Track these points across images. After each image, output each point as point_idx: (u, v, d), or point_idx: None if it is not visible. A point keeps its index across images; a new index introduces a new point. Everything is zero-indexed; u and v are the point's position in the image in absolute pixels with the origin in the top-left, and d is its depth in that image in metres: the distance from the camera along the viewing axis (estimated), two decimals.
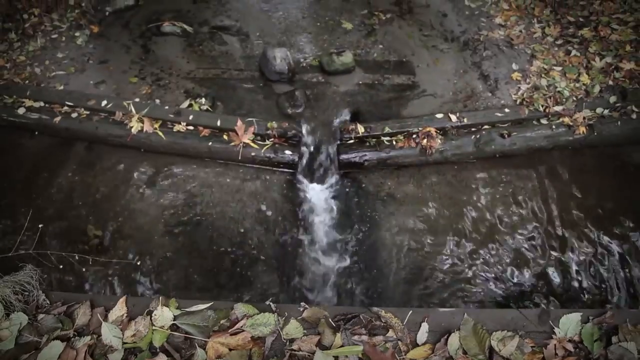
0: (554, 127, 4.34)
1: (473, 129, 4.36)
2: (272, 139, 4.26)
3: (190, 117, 4.33)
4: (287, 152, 4.24)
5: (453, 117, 4.31)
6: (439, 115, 4.34)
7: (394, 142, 4.25)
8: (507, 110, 4.39)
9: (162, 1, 5.77)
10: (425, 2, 5.69)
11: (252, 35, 5.36)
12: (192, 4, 5.75)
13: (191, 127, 4.34)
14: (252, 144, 4.22)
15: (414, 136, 4.24)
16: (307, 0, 5.81)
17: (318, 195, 4.23)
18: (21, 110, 4.49)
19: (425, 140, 4.19)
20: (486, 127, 4.37)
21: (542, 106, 4.37)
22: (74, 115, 4.47)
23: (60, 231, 3.93)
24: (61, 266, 3.68)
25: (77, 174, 4.32)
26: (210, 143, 4.26)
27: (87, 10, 5.47)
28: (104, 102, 4.46)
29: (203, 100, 4.49)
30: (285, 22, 5.51)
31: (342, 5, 5.69)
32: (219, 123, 4.28)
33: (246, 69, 4.96)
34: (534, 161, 4.39)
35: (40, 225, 3.80)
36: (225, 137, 4.27)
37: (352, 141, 4.27)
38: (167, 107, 4.42)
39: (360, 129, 4.22)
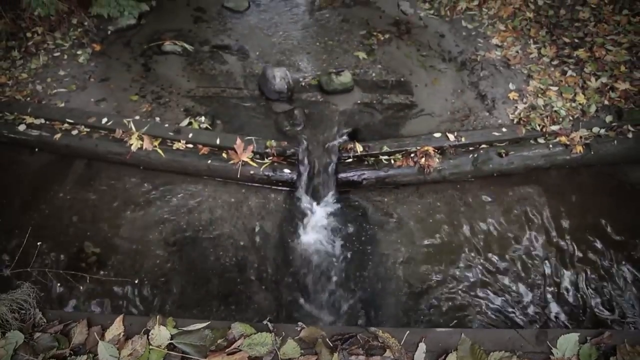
0: (551, 146, 4.38)
1: (471, 148, 4.39)
2: (271, 158, 4.28)
3: (190, 135, 4.35)
4: (286, 170, 4.25)
5: (451, 136, 4.34)
6: (437, 135, 4.38)
7: (393, 161, 4.27)
8: (504, 129, 4.43)
9: (163, 20, 5.85)
10: (423, 23, 5.78)
11: (252, 54, 5.42)
12: (194, 24, 5.84)
13: (190, 145, 4.36)
14: (251, 162, 4.24)
15: (412, 155, 4.26)
16: (307, 20, 5.90)
17: (316, 214, 4.23)
18: (22, 127, 4.52)
19: (423, 159, 4.22)
20: (484, 146, 4.40)
21: (539, 125, 4.41)
22: (74, 132, 4.51)
23: (59, 248, 3.93)
24: (58, 284, 3.67)
25: (76, 191, 4.33)
26: (209, 161, 4.27)
27: (90, 29, 5.53)
28: (105, 120, 4.50)
29: (203, 118, 4.53)
30: (285, 42, 5.58)
31: (341, 26, 5.78)
32: (218, 141, 4.31)
33: (246, 87, 5.01)
34: (531, 180, 4.42)
35: (38, 243, 3.79)
36: (224, 155, 4.29)
37: (350, 160, 4.29)
38: (166, 125, 4.45)
39: (359, 147, 4.24)
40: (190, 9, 6.06)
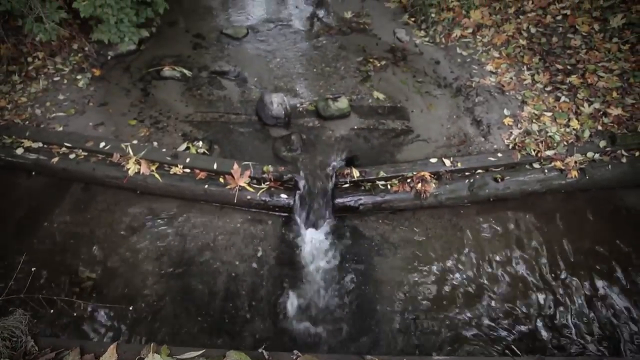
0: (546, 171, 4.41)
1: (467, 174, 4.42)
2: (268, 183, 4.30)
3: (187, 160, 4.37)
4: (283, 195, 4.26)
5: (447, 162, 4.38)
6: (433, 160, 4.41)
7: (389, 187, 4.29)
8: (499, 154, 4.47)
9: (163, 46, 5.94)
10: (419, 50, 5.88)
11: (250, 80, 5.49)
12: (193, 50, 5.92)
13: (188, 170, 4.38)
14: (248, 187, 4.25)
15: (409, 180, 4.29)
16: (304, 47, 5.99)
17: (313, 240, 4.22)
18: (19, 151, 4.54)
19: (419, 185, 4.24)
20: (480, 171, 4.43)
21: (534, 150, 4.45)
22: (72, 156, 4.52)
23: (53, 273, 3.89)
24: (52, 310, 3.61)
25: (72, 215, 4.32)
26: (206, 186, 4.28)
27: (90, 54, 5.60)
28: (102, 144, 4.52)
29: (200, 143, 4.56)
30: (283, 68, 5.66)
31: (338, 53, 5.87)
32: (215, 166, 4.32)
33: (243, 113, 5.05)
34: (527, 205, 4.44)
35: (33, 269, 3.75)
36: (221, 180, 4.30)
37: (347, 185, 4.31)
38: (164, 150, 4.47)
39: (355, 173, 4.26)
40: (190, 36, 6.15)
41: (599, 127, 4.59)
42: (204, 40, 6.08)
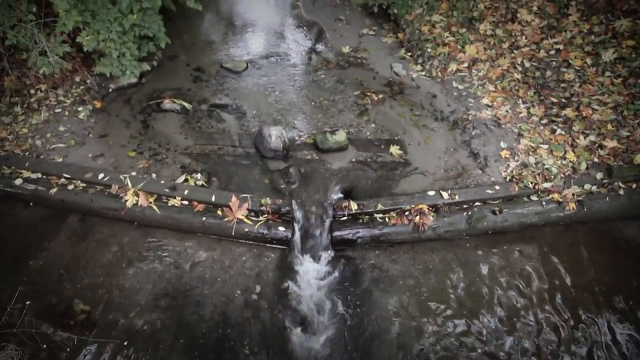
0: (544, 203, 4.43)
1: (465, 206, 4.43)
2: (265, 215, 4.30)
3: (186, 192, 4.38)
4: (281, 228, 4.25)
5: (445, 195, 4.39)
6: (431, 193, 4.42)
7: (387, 219, 4.29)
8: (497, 187, 4.48)
9: (163, 79, 6.02)
10: (415, 84, 5.98)
11: (249, 113, 5.55)
12: (193, 83, 6.01)
13: (186, 202, 4.38)
14: (245, 220, 4.25)
15: (407, 213, 4.29)
16: (303, 81, 6.09)
17: (311, 273, 4.19)
18: (18, 181, 4.55)
19: (417, 218, 4.23)
20: (478, 204, 4.44)
21: (532, 183, 4.47)
22: (70, 187, 4.54)
23: (47, 306, 3.85)
24: (44, 345, 3.56)
25: (68, 247, 4.29)
26: (204, 218, 4.28)
27: (92, 86, 5.68)
28: (101, 175, 4.53)
29: (199, 175, 4.57)
30: (281, 101, 5.73)
31: (336, 86, 5.96)
32: (213, 198, 4.32)
33: (242, 145, 5.09)
34: (526, 238, 4.43)
35: (27, 303, 3.72)
36: (219, 212, 4.30)
37: (345, 218, 4.31)
38: (162, 182, 4.48)
39: (353, 206, 4.27)
40: (190, 69, 6.26)
41: (595, 159, 4.63)
42: (204, 73, 6.18)
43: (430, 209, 4.32)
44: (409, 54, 6.48)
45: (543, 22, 5.96)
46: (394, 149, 4.68)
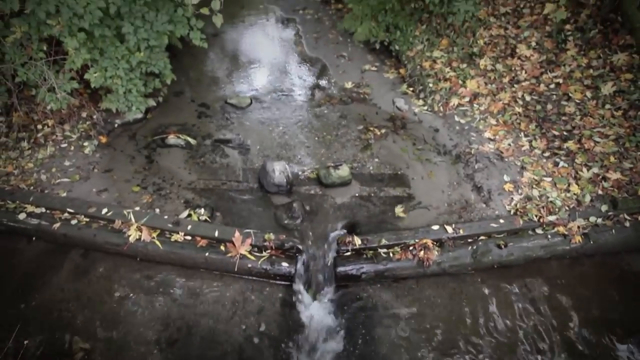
0: (549, 236, 4.39)
1: (469, 240, 4.39)
2: (269, 251, 4.27)
3: (189, 227, 4.37)
4: (284, 264, 4.21)
5: (449, 229, 4.36)
6: (435, 227, 4.40)
7: (391, 254, 4.25)
8: (502, 220, 4.46)
9: (169, 115, 6.11)
10: (418, 118, 6.04)
11: (253, 148, 5.59)
12: (197, 119, 6.09)
13: (189, 237, 4.37)
14: (249, 256, 4.22)
15: (411, 248, 4.25)
16: (306, 116, 6.16)
17: (314, 309, 4.12)
18: (22, 216, 4.56)
19: (422, 252, 4.20)
20: (482, 238, 4.41)
21: (536, 216, 4.45)
22: (74, 222, 4.54)
23: (46, 344, 3.78)
24: None
25: (70, 282, 4.26)
26: (207, 254, 4.25)
27: (98, 122, 5.76)
28: (105, 210, 4.54)
29: (202, 210, 4.57)
30: (285, 136, 5.79)
31: (339, 121, 6.03)
32: (216, 234, 4.31)
33: (246, 180, 5.11)
34: (532, 271, 4.37)
35: (25, 342, 3.66)
36: (222, 248, 4.28)
37: (349, 253, 4.28)
38: (166, 217, 4.48)
39: (357, 241, 4.24)
40: (195, 105, 6.36)
41: (600, 192, 4.61)
42: (209, 109, 6.27)
43: (435, 243, 4.29)
44: (411, 89, 6.58)
45: (542, 57, 6.07)
46: (398, 210, 4.69)
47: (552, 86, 5.75)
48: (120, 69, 5.22)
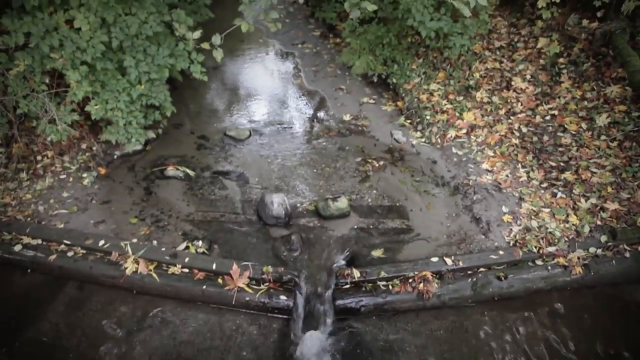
0: (549, 267, 4.36)
1: (469, 272, 4.36)
2: (267, 284, 4.22)
3: (186, 260, 4.34)
4: (282, 297, 4.16)
5: (448, 261, 4.33)
6: (434, 259, 4.37)
7: (391, 287, 4.21)
8: (501, 252, 4.44)
9: (168, 147, 6.15)
10: (416, 150, 6.08)
11: (252, 180, 5.60)
12: (196, 151, 6.13)
13: (186, 270, 4.33)
14: (247, 289, 4.17)
15: (410, 280, 4.21)
16: (305, 148, 6.20)
17: (313, 343, 4.03)
18: (18, 247, 4.53)
19: (421, 285, 4.16)
20: (482, 269, 4.37)
21: (536, 247, 4.43)
22: (70, 254, 4.50)
23: None
24: None
25: (64, 315, 4.19)
26: (204, 287, 4.21)
27: (97, 153, 5.79)
28: (102, 242, 4.52)
29: (200, 242, 4.55)
30: (284, 168, 5.81)
31: (338, 153, 6.06)
32: (214, 266, 4.27)
33: (244, 212, 5.10)
34: (534, 303, 4.32)
35: None
36: (220, 280, 4.24)
37: (348, 286, 4.23)
38: (163, 249, 4.45)
39: (356, 273, 4.20)
40: (194, 137, 6.41)
41: (598, 222, 4.61)
42: (208, 141, 6.32)
43: (434, 275, 4.25)
44: (409, 121, 6.65)
45: (537, 89, 6.18)
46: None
47: (548, 118, 5.82)
48: (121, 101, 5.28)
